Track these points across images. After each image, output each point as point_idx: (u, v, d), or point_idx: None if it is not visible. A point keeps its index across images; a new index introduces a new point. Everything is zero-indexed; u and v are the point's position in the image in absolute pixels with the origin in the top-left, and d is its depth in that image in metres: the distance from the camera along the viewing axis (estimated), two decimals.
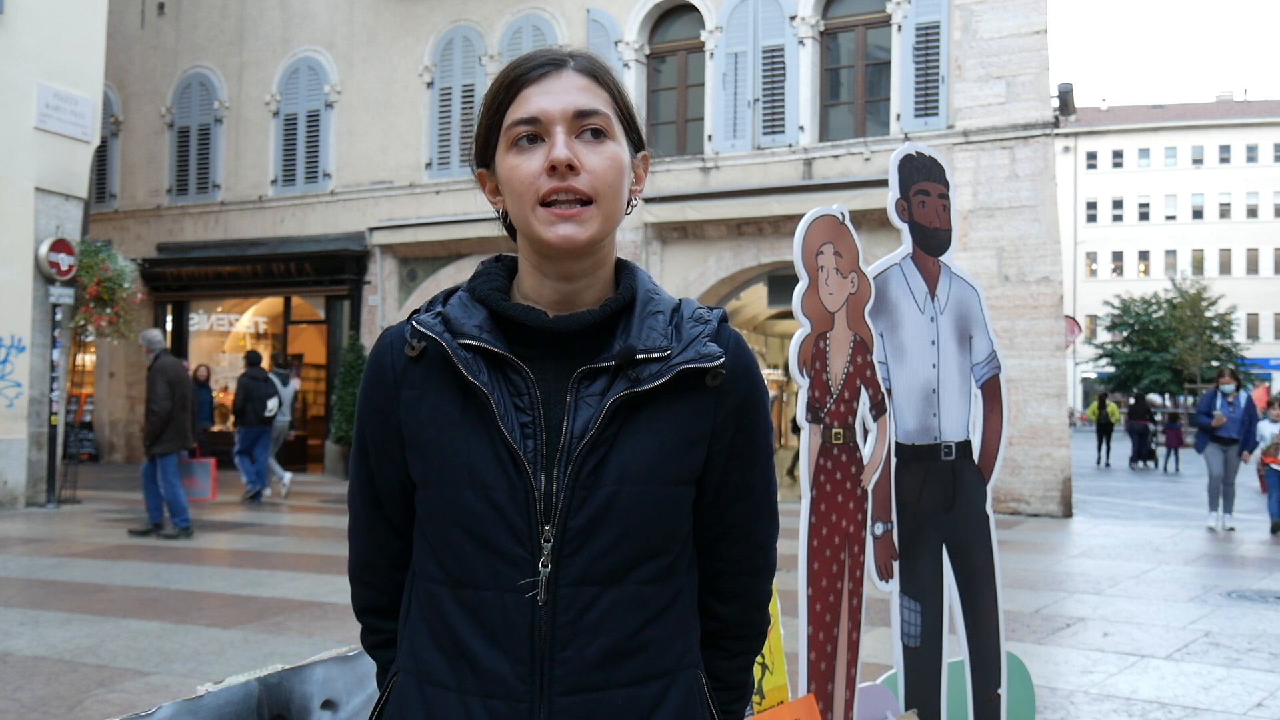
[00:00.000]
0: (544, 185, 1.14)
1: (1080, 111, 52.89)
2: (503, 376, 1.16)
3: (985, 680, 3.03)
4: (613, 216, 1.18)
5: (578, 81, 1.17)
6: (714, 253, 14.30)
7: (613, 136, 1.17)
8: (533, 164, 1.15)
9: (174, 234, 18.03)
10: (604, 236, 1.18)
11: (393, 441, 1.22)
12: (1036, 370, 12.46)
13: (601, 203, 1.15)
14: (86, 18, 12.25)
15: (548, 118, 1.15)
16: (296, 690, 1.78)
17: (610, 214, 1.17)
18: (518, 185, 1.16)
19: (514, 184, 1.17)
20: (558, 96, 1.16)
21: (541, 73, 1.17)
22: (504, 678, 1.14)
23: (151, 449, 9.36)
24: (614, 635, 1.15)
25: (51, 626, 5.86)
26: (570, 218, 1.14)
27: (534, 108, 1.15)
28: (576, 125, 1.15)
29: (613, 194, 1.16)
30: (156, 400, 9.27)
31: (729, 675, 1.31)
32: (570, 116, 1.15)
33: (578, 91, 1.16)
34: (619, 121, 1.20)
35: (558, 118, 1.15)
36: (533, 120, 1.15)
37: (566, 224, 1.14)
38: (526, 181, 1.15)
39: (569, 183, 1.13)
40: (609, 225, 1.17)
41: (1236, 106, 62.03)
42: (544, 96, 1.16)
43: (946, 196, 3.00)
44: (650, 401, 1.17)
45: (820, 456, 2.62)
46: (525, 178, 1.15)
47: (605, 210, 1.16)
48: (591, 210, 1.15)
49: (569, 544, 1.14)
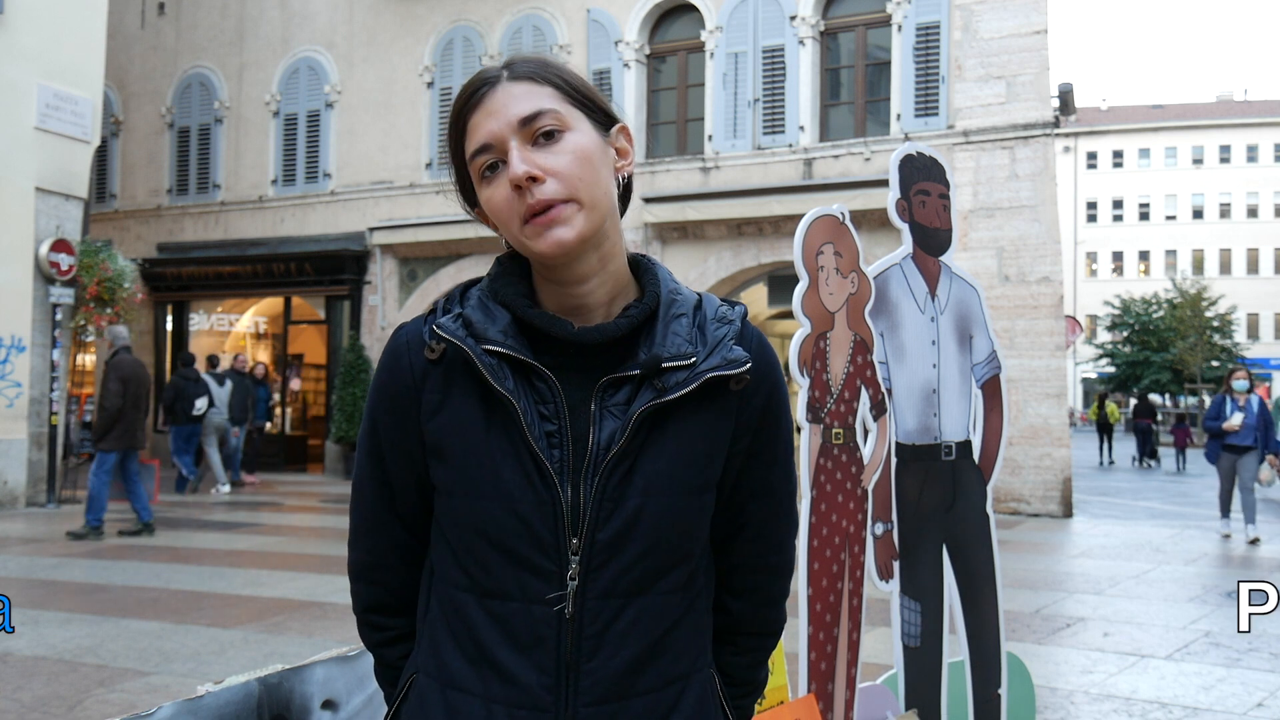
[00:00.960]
0: (519, 205, 1.12)
1: (1080, 111, 52.87)
2: (528, 384, 1.15)
3: (985, 680, 3.03)
4: (597, 205, 1.14)
5: (515, 90, 1.14)
6: (714, 253, 14.30)
7: (569, 127, 1.14)
8: (503, 190, 1.13)
9: (174, 234, 18.04)
10: (596, 228, 1.15)
11: (413, 443, 1.20)
12: (1037, 370, 12.45)
13: (580, 198, 1.13)
14: (86, 18, 12.25)
15: (497, 138, 1.13)
16: (297, 690, 1.78)
17: (593, 203, 1.14)
18: (499, 215, 1.15)
19: (496, 214, 1.16)
20: (499, 115, 1.13)
21: (479, 96, 1.15)
22: (530, 687, 1.13)
23: (97, 445, 9.28)
24: (639, 645, 1.15)
25: (52, 626, 5.86)
26: (552, 222, 1.11)
27: (482, 134, 1.14)
28: (528, 133, 1.13)
29: (587, 185, 1.13)
30: (108, 396, 9.22)
31: (738, 671, 1.30)
32: (517, 127, 1.12)
33: (517, 100, 1.13)
34: (575, 107, 1.16)
35: (506, 133, 1.12)
36: (486, 148, 1.14)
37: (551, 230, 1.11)
38: (504, 209, 1.14)
39: (539, 196, 1.11)
40: (596, 215, 1.14)
41: (1237, 106, 62.02)
42: (487, 119, 1.14)
43: (947, 196, 3.00)
44: (675, 410, 1.15)
45: (820, 456, 2.62)
46: (502, 205, 1.14)
47: (587, 204, 1.13)
48: (571, 208, 1.12)
49: (597, 557, 1.13)
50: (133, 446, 9.46)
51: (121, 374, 9.30)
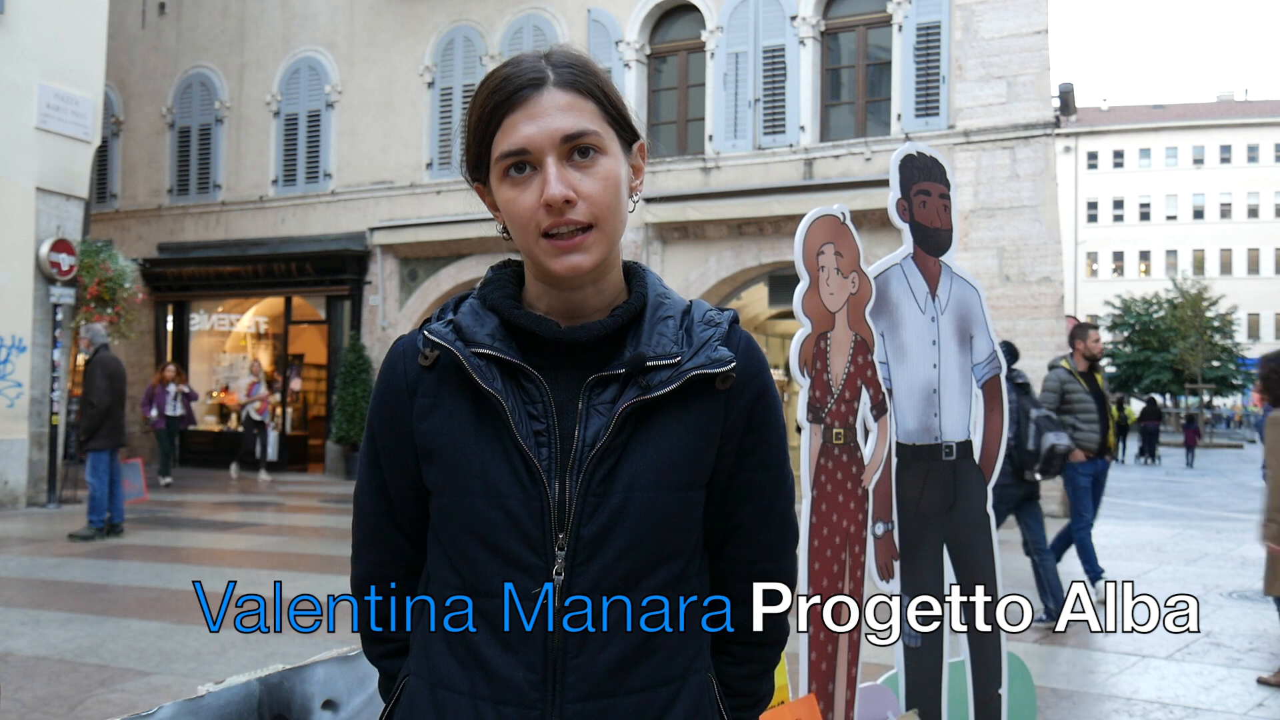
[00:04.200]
0: (543, 220, 1.12)
1: (1081, 111, 52.89)
2: (516, 384, 1.16)
3: (986, 680, 3.03)
4: (615, 235, 1.16)
5: (560, 100, 1.13)
6: (715, 253, 14.30)
7: (605, 150, 1.15)
8: (529, 198, 1.13)
9: (175, 234, 18.04)
10: (609, 253, 1.17)
11: (406, 450, 1.22)
12: (1037, 370, 12.44)
13: (603, 226, 1.14)
14: (87, 18, 12.25)
15: (536, 148, 1.12)
16: (297, 690, 1.78)
17: (612, 234, 1.16)
18: (517, 219, 1.15)
19: (513, 217, 1.15)
20: (542, 122, 1.12)
21: (522, 97, 1.14)
22: (517, 684, 1.14)
23: (87, 444, 9.14)
24: (626, 642, 1.15)
25: (52, 626, 5.86)
26: (573, 249, 1.12)
27: (520, 139, 1.13)
28: (566, 149, 1.13)
29: (612, 214, 1.15)
30: (96, 394, 9.07)
31: (736, 682, 1.30)
32: (558, 142, 1.12)
33: (562, 113, 1.13)
34: (610, 125, 1.17)
35: (546, 147, 1.12)
36: (521, 152, 1.13)
37: (570, 255, 1.13)
38: (525, 216, 1.14)
39: (567, 216, 1.12)
40: (612, 244, 1.17)
41: (1237, 106, 62.00)
42: (528, 124, 1.12)
43: (947, 196, 3.00)
44: (661, 407, 1.16)
45: (821, 456, 2.62)
46: (523, 212, 1.14)
47: (607, 232, 1.15)
48: (593, 236, 1.13)
49: (582, 552, 1.14)
50: (120, 444, 9.40)
51: (108, 371, 9.21)
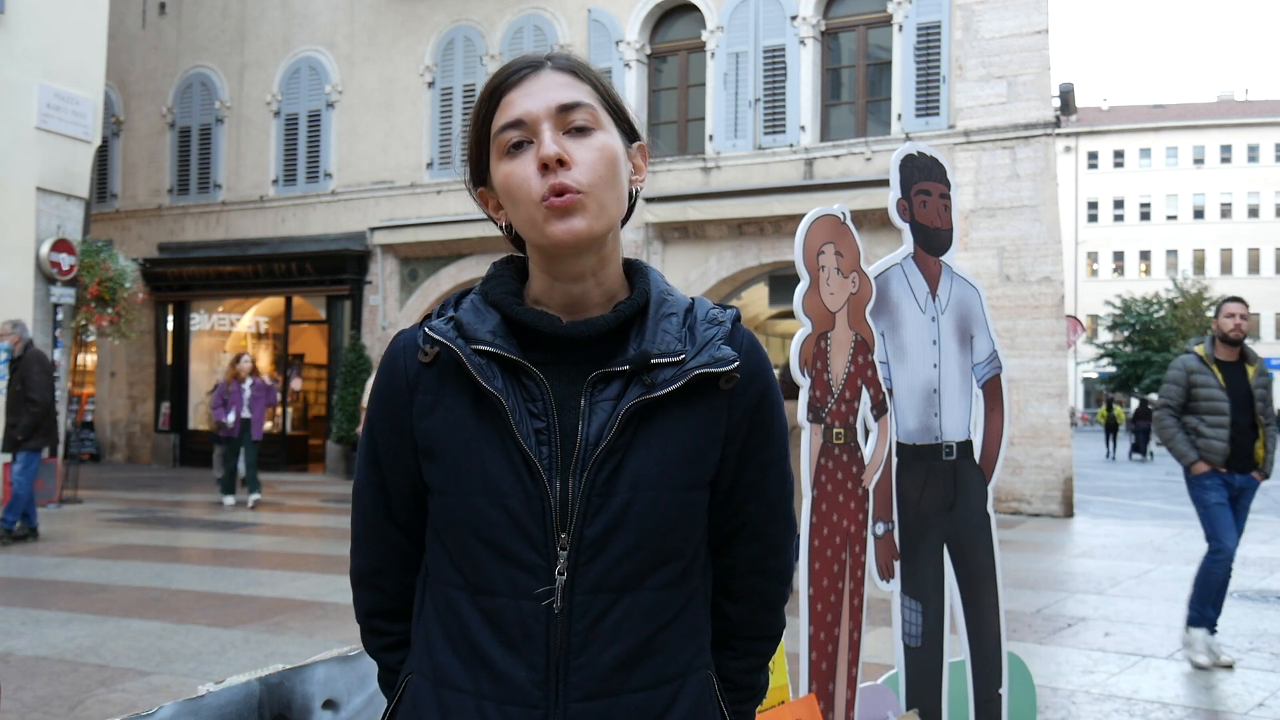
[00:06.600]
0: (540, 185, 1.13)
1: (1081, 111, 52.86)
2: (516, 382, 1.16)
3: (986, 680, 3.03)
4: (611, 207, 1.16)
5: (558, 79, 1.17)
6: (715, 252, 14.30)
7: (601, 127, 1.17)
8: (526, 167, 1.14)
9: (175, 234, 18.04)
10: (607, 229, 1.17)
11: (406, 447, 1.21)
12: (1038, 370, 12.45)
13: (596, 193, 1.14)
14: (87, 18, 12.26)
15: (532, 118, 1.14)
16: (298, 690, 1.78)
17: (607, 203, 1.16)
18: (514, 190, 1.15)
19: (511, 189, 1.16)
20: (539, 96, 1.15)
21: (520, 76, 1.17)
22: (520, 684, 1.14)
23: (24, 442, 8.61)
24: (629, 641, 1.15)
25: (53, 626, 5.86)
26: (570, 209, 1.13)
27: (518, 110, 1.15)
28: (563, 120, 1.15)
29: (606, 184, 1.15)
30: (37, 390, 8.57)
31: (736, 676, 1.30)
32: (554, 112, 1.14)
33: (559, 88, 1.16)
34: (606, 113, 1.19)
35: (542, 115, 1.14)
36: (518, 123, 1.15)
37: (568, 218, 1.13)
38: (522, 184, 1.14)
39: (561, 178, 1.12)
40: (609, 216, 1.16)
41: (1238, 106, 62.00)
42: (526, 98, 1.16)
43: (948, 196, 3.00)
44: (664, 406, 1.16)
45: (821, 456, 2.62)
46: (520, 181, 1.15)
47: (601, 199, 1.15)
48: (589, 200, 1.14)
49: (585, 551, 1.14)
50: (54, 445, 8.89)
51: (45, 365, 8.71)
